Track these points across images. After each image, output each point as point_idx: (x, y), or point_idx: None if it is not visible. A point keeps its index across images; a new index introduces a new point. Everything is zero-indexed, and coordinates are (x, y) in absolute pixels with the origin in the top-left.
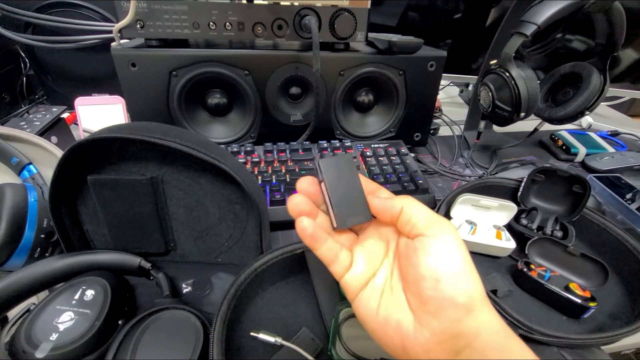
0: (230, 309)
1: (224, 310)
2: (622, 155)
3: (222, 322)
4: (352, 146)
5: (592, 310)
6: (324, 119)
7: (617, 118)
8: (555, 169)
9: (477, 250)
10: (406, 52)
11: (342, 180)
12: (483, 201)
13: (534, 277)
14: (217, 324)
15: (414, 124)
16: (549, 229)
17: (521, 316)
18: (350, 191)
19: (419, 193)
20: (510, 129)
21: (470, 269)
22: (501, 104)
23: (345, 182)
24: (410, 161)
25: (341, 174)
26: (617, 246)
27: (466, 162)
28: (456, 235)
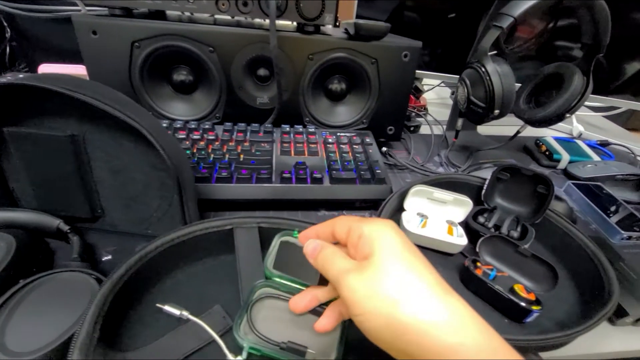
0: (128, 275)
1: (119, 274)
2: (606, 164)
3: (112, 285)
4: (315, 132)
5: (536, 314)
6: (292, 104)
7: (612, 129)
8: (520, 168)
9: (426, 244)
10: (374, 37)
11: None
12: (437, 194)
13: (477, 276)
14: (104, 286)
15: (387, 117)
16: (505, 228)
17: None
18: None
19: (374, 183)
20: (494, 132)
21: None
22: (475, 99)
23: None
24: (374, 152)
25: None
26: (578, 252)
27: (441, 160)
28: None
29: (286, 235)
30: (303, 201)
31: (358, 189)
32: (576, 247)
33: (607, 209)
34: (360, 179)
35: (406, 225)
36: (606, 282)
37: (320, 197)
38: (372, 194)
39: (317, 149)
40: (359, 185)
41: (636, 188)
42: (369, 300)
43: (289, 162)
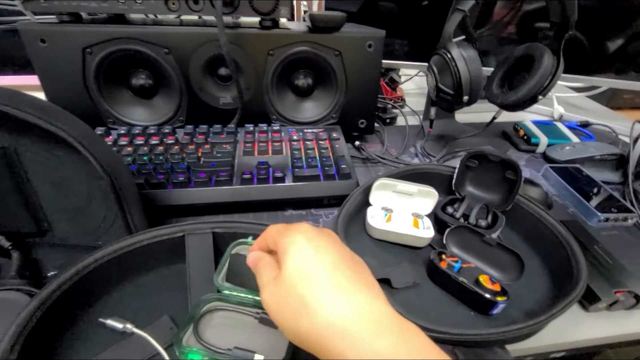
0: (61, 291)
1: (49, 291)
2: (584, 146)
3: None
4: (280, 130)
5: (501, 305)
6: (257, 102)
7: (594, 109)
8: (487, 154)
9: (392, 239)
10: (331, 28)
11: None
12: (400, 186)
13: (442, 269)
14: (29, 305)
15: (357, 110)
16: (473, 217)
17: (417, 310)
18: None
19: (340, 179)
20: (473, 119)
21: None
22: (444, 87)
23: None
24: (341, 147)
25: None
26: (550, 238)
27: (416, 151)
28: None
29: (241, 244)
30: (268, 201)
31: (322, 186)
32: (548, 233)
33: (585, 191)
34: (325, 175)
35: (370, 221)
36: (575, 268)
37: (283, 197)
38: (336, 191)
39: (281, 148)
40: (323, 182)
41: (616, 168)
42: (279, 316)
43: (252, 162)
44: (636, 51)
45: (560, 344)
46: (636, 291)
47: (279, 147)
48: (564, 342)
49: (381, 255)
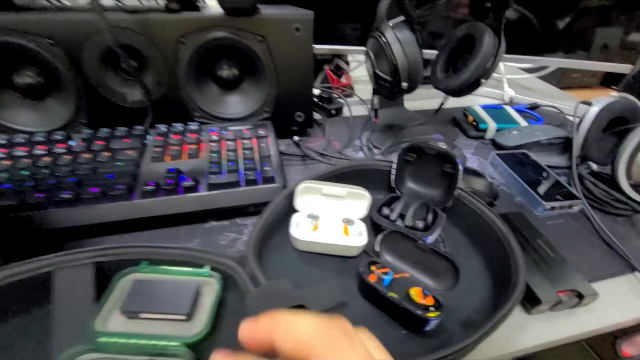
0: None
1: None
2: (531, 129)
3: None
4: (198, 130)
5: (435, 321)
6: (173, 98)
7: (544, 90)
8: (423, 146)
9: (319, 250)
10: (242, 9)
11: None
12: (327, 189)
13: (370, 283)
14: None
15: (293, 103)
16: (409, 218)
17: None
18: None
19: (263, 183)
20: (424, 106)
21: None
22: (381, 73)
23: None
24: (268, 145)
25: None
26: (490, 236)
27: (362, 144)
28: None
29: (131, 273)
30: (180, 215)
31: (241, 193)
32: (488, 230)
33: (532, 178)
34: (246, 180)
35: (293, 231)
36: (513, 270)
37: (194, 209)
38: (258, 197)
39: (198, 150)
40: (243, 189)
41: (563, 151)
42: None
43: (160, 170)
44: (582, 29)
45: (499, 355)
46: (579, 289)
47: (196, 150)
48: (502, 354)
49: (307, 270)
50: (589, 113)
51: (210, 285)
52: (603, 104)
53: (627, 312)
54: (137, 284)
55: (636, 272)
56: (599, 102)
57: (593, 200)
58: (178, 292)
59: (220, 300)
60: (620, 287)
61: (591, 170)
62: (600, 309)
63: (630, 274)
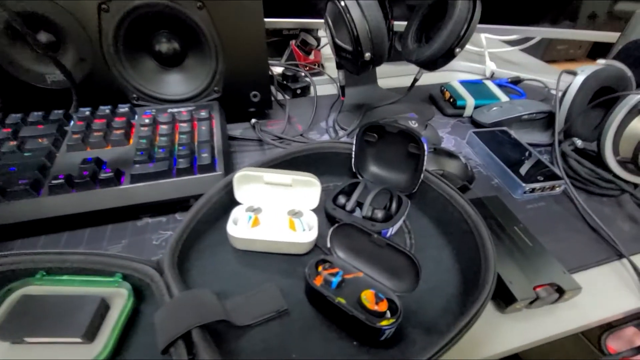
0: None
1: None
2: (512, 104)
3: None
4: (127, 113)
5: (390, 330)
6: (104, 77)
7: (528, 64)
8: (384, 125)
9: (260, 248)
10: None
11: None
12: (269, 177)
13: (314, 288)
14: None
15: (246, 81)
16: (367, 208)
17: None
18: None
19: (199, 172)
20: (400, 84)
21: None
22: (341, 42)
23: None
24: (212, 129)
25: None
26: (460, 225)
27: (327, 126)
28: None
29: (23, 286)
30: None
31: (172, 185)
32: (458, 218)
33: (512, 158)
34: (178, 170)
35: (229, 229)
36: (483, 266)
37: (115, 205)
38: (193, 189)
39: (126, 137)
40: (175, 180)
41: (546, 127)
42: None
43: (77, 159)
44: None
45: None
46: (559, 283)
47: (123, 136)
48: None
49: (246, 273)
50: (574, 83)
51: (121, 297)
52: (589, 72)
53: (614, 305)
54: (25, 300)
55: (624, 258)
56: (584, 71)
57: (577, 180)
58: (76, 309)
59: (130, 315)
60: (606, 276)
61: (575, 147)
62: (584, 303)
63: (617, 261)
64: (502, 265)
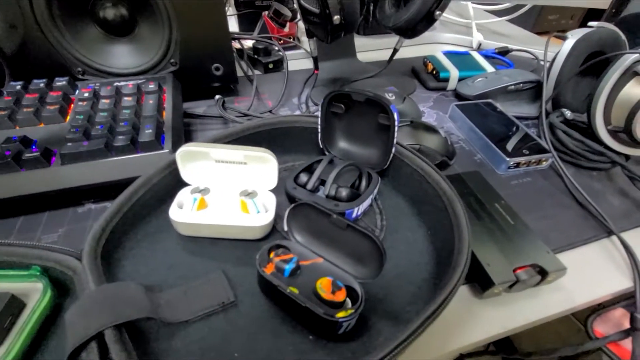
0: None
1: None
2: (497, 75)
3: None
4: (64, 87)
5: (348, 322)
6: (40, 47)
7: (517, 35)
8: (349, 92)
9: (209, 234)
10: None
11: None
12: (216, 154)
13: (264, 275)
14: None
15: (208, 53)
16: (330, 186)
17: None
18: None
19: (142, 151)
20: (381, 57)
21: None
22: (307, 5)
23: None
24: (158, 103)
25: None
26: (435, 203)
27: (299, 102)
28: None
29: None
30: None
31: (110, 164)
32: (433, 195)
33: (496, 131)
34: (117, 148)
35: (172, 213)
36: (456, 247)
37: (42, 190)
38: (135, 170)
39: (61, 113)
40: (113, 159)
41: (534, 99)
42: None
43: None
44: None
45: (441, 355)
46: (541, 264)
47: (57, 112)
48: (443, 353)
49: (191, 263)
50: (563, 48)
51: (39, 293)
52: (579, 36)
53: (601, 287)
54: None
55: (613, 235)
56: (574, 34)
57: (565, 154)
58: None
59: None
60: (594, 255)
61: (564, 118)
62: (569, 284)
63: (606, 239)
64: (479, 246)
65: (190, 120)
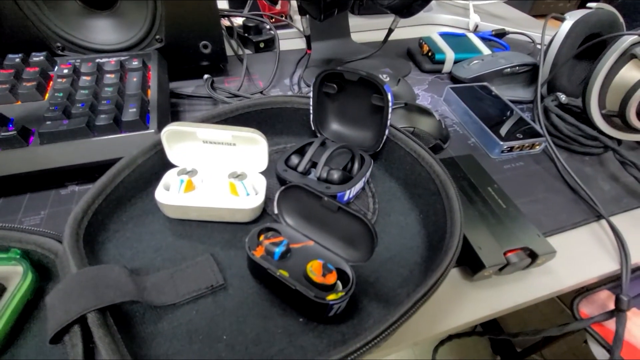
0: None
1: None
2: (493, 57)
3: None
4: (41, 63)
5: (338, 305)
6: (16, 21)
7: (514, 18)
8: (342, 71)
9: (197, 217)
10: None
11: None
12: (202, 134)
13: (253, 259)
14: None
15: (195, 30)
16: (321, 169)
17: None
18: None
19: (125, 130)
20: (376, 38)
21: None
22: None
23: None
24: (142, 80)
25: None
26: (428, 186)
27: (291, 83)
28: None
29: None
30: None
31: (91, 145)
32: (426, 178)
33: (491, 115)
34: (99, 127)
35: (158, 195)
36: (448, 230)
37: (19, 171)
38: (116, 150)
39: (39, 91)
40: (94, 139)
41: (530, 83)
42: None
43: None
44: None
45: (429, 336)
46: (531, 247)
47: (34, 89)
48: (432, 335)
49: (179, 246)
50: (561, 29)
51: (19, 277)
52: (577, 17)
53: (589, 270)
54: None
55: (602, 219)
56: (572, 16)
57: (559, 139)
58: None
59: (32, 297)
60: (583, 239)
61: (559, 102)
62: (558, 267)
63: (595, 222)
64: (471, 229)
65: (177, 100)
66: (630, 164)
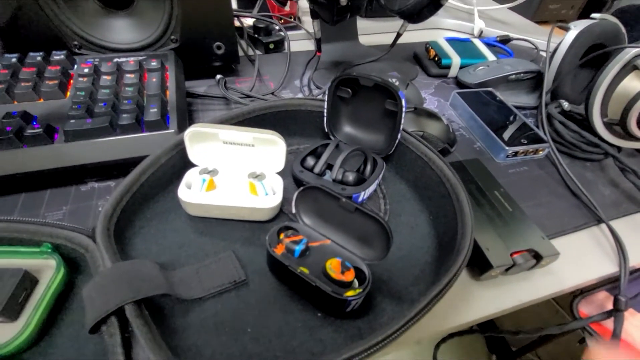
0: None
1: None
2: (499, 64)
3: None
4: (62, 62)
5: (356, 301)
6: (36, 20)
7: (518, 24)
8: (358, 77)
9: (218, 215)
10: None
11: None
12: (224, 135)
13: (274, 256)
14: None
15: (209, 31)
16: (337, 170)
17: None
18: None
19: (147, 130)
20: (383, 41)
21: None
22: None
23: None
24: (161, 81)
25: None
26: (438, 189)
27: (302, 85)
28: None
29: None
30: (36, 175)
31: (114, 143)
32: (436, 181)
33: (496, 120)
34: (122, 127)
35: (180, 193)
36: (459, 232)
37: (44, 167)
38: (140, 149)
39: (61, 89)
40: (118, 138)
41: (534, 89)
42: None
43: None
44: None
45: (436, 333)
46: (536, 249)
47: (57, 87)
48: (439, 331)
49: (201, 243)
50: (565, 39)
51: (51, 270)
52: (582, 27)
53: (589, 271)
54: None
55: (603, 223)
56: (577, 26)
57: (561, 145)
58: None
59: (63, 289)
60: (584, 241)
61: (562, 109)
62: (560, 269)
63: (596, 226)
64: (480, 231)
65: (190, 100)
66: (629, 170)
